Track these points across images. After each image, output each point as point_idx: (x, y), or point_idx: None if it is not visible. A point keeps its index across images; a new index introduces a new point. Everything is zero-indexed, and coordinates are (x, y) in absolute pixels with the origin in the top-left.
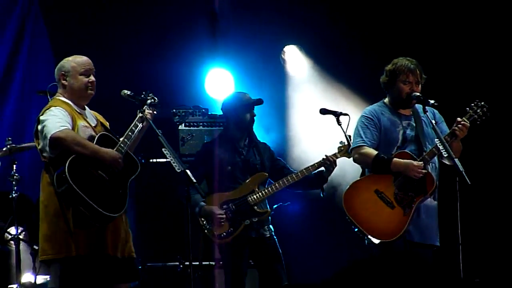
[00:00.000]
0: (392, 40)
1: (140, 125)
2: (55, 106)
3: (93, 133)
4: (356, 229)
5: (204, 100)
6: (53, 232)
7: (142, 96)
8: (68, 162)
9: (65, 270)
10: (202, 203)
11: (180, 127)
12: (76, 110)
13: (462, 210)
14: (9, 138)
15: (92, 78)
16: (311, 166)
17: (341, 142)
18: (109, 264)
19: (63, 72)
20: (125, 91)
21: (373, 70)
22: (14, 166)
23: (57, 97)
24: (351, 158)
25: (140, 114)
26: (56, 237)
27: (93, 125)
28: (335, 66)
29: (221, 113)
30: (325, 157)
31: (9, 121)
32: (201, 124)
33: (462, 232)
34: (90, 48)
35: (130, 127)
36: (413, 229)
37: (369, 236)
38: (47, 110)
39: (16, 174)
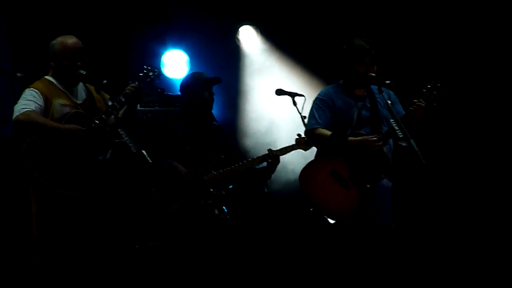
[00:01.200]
0: (351, 20)
1: (123, 100)
2: (29, 88)
3: (71, 111)
4: (311, 209)
5: (160, 81)
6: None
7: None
8: (26, 143)
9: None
10: (170, 160)
11: (137, 107)
12: (59, 88)
13: (417, 191)
14: None
15: (78, 63)
16: (252, 159)
17: (298, 135)
18: None
19: (51, 54)
20: (81, 71)
21: (330, 51)
22: None
23: (45, 76)
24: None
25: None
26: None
27: (80, 102)
28: (292, 47)
29: (177, 93)
30: (268, 151)
31: None
32: (157, 104)
33: (417, 213)
34: (44, 26)
35: (112, 102)
36: (368, 209)
37: (325, 216)
38: (22, 93)
39: None
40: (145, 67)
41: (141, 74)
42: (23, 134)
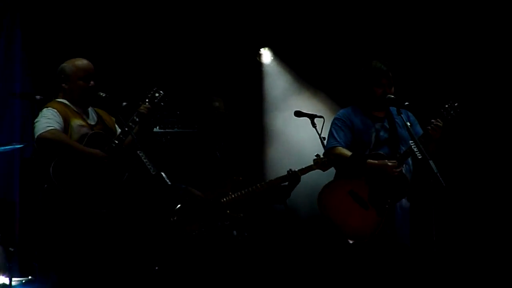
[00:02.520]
0: (367, 42)
1: (136, 120)
2: (47, 108)
3: (89, 132)
4: (330, 229)
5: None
6: (52, 234)
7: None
8: (53, 163)
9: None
10: (184, 186)
11: (155, 129)
12: (73, 109)
13: (437, 212)
14: None
15: (92, 83)
16: (274, 179)
17: (317, 155)
18: None
19: (63, 76)
20: (101, 93)
21: (348, 73)
22: None
23: (56, 99)
24: (326, 172)
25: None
26: (54, 238)
27: (93, 123)
28: (310, 70)
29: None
30: (289, 171)
31: None
32: (175, 126)
33: (437, 234)
34: (64, 49)
35: (127, 122)
36: (387, 229)
37: (344, 236)
38: (40, 112)
39: None
40: (154, 88)
41: (149, 95)
42: (46, 152)
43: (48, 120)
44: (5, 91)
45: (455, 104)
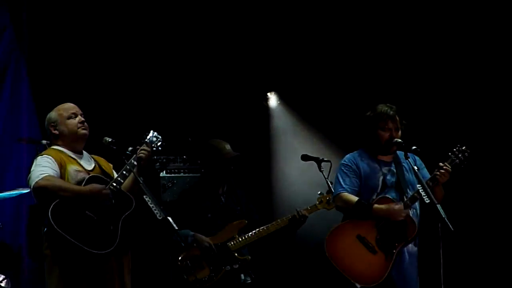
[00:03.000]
0: (373, 88)
1: (135, 163)
2: (41, 155)
3: (86, 176)
4: (338, 274)
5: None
6: (52, 281)
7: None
8: (51, 207)
9: None
10: (192, 233)
11: (161, 174)
12: (69, 156)
13: (445, 257)
14: None
15: (81, 118)
16: (280, 220)
17: (320, 193)
18: None
19: (52, 123)
20: (107, 138)
21: (354, 118)
22: None
23: (51, 147)
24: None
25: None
26: (55, 285)
27: (89, 169)
28: (316, 114)
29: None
30: (295, 212)
31: None
32: (182, 171)
33: (445, 279)
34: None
35: (125, 166)
36: (395, 274)
37: (352, 281)
38: (34, 161)
39: None
40: (151, 131)
41: (147, 139)
42: (45, 199)
43: (42, 168)
44: (12, 137)
45: (463, 148)
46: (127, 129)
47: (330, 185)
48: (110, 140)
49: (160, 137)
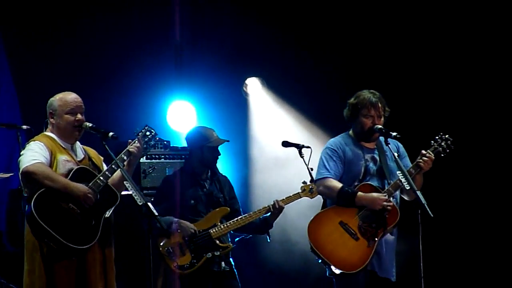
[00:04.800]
0: (357, 73)
1: (125, 158)
2: (34, 141)
3: (74, 167)
4: (319, 260)
5: (166, 132)
6: (33, 268)
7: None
8: (35, 195)
9: None
10: (176, 219)
11: (141, 160)
12: (60, 145)
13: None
14: None
15: (79, 116)
16: (257, 211)
17: (303, 182)
18: None
19: (51, 111)
20: (87, 123)
21: (336, 103)
22: None
23: (44, 132)
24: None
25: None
26: (36, 272)
27: (79, 159)
28: (298, 99)
29: (182, 145)
30: (273, 202)
31: None
32: (162, 156)
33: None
34: (53, 82)
35: (114, 160)
36: (376, 261)
37: (332, 266)
38: (27, 145)
39: None
40: (146, 127)
41: (140, 134)
42: (31, 186)
43: (34, 153)
44: None
45: (446, 136)
46: (109, 113)
47: (311, 172)
48: (90, 125)
49: (153, 132)
